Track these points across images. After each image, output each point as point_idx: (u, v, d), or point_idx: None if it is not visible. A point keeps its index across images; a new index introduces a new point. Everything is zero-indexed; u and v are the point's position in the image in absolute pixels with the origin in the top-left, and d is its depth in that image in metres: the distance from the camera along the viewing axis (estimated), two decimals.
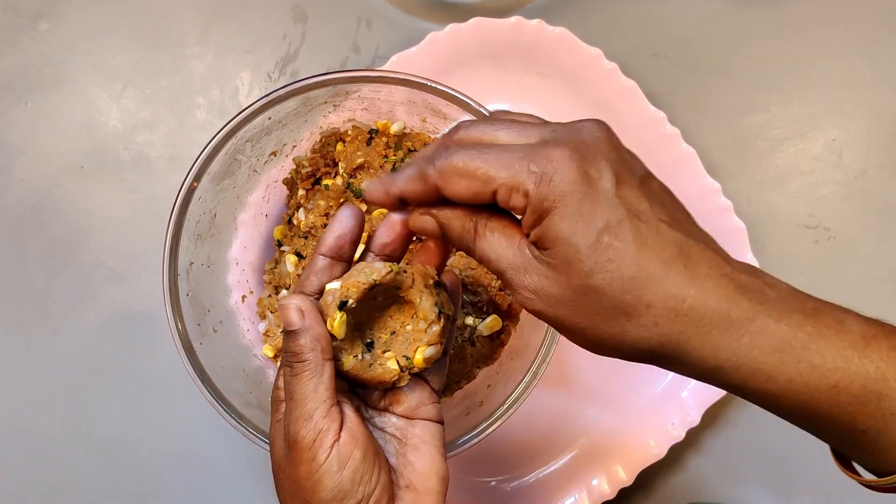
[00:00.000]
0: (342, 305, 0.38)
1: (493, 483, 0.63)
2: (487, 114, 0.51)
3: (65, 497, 0.64)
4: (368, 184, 0.39)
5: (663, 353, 0.33)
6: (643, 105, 0.62)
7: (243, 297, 0.58)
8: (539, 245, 0.34)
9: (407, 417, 0.41)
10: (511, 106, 0.65)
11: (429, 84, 0.51)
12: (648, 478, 0.64)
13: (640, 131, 0.63)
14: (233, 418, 0.49)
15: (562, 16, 0.66)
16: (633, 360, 0.35)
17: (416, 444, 0.40)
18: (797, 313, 0.33)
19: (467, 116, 0.52)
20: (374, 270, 0.39)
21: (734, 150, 0.66)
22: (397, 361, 0.41)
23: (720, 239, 0.61)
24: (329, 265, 0.40)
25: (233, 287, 0.58)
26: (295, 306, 0.37)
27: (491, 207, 0.35)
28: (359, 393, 0.42)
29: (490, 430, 0.50)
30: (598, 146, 0.34)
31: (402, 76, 0.51)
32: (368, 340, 0.41)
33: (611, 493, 0.61)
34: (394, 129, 0.56)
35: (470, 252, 0.37)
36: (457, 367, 0.57)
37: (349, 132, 0.57)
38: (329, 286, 0.39)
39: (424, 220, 0.38)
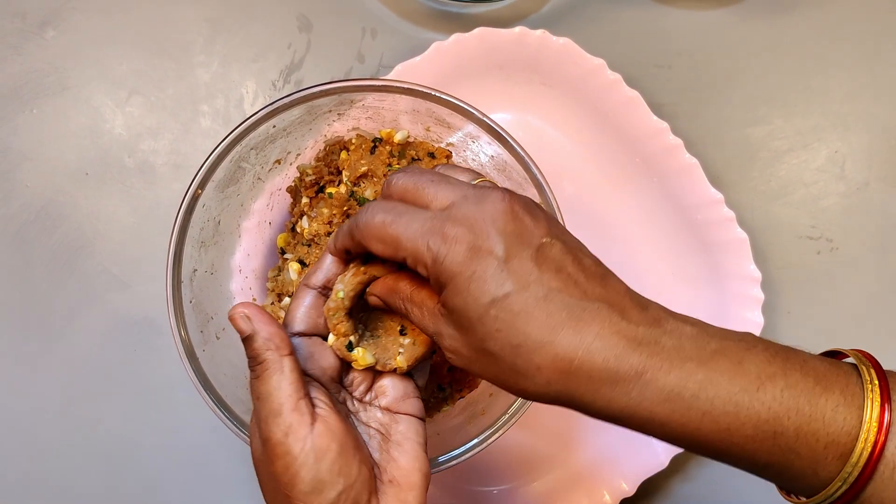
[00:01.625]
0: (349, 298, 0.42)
1: (494, 492, 0.63)
2: (491, 123, 0.51)
3: (66, 502, 0.64)
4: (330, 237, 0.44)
5: (565, 404, 0.36)
6: (646, 115, 0.62)
7: None
8: (445, 310, 0.37)
9: (391, 411, 0.42)
10: (514, 116, 0.65)
11: (433, 93, 0.51)
12: (651, 488, 0.63)
13: (643, 142, 0.63)
14: (235, 425, 0.49)
15: (566, 26, 0.67)
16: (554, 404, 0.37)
17: (398, 440, 0.41)
18: (690, 361, 0.35)
19: (471, 125, 0.53)
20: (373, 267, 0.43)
21: (737, 161, 0.67)
22: (378, 356, 0.43)
23: (723, 250, 0.62)
24: (335, 262, 0.44)
25: (236, 294, 0.58)
26: (240, 314, 0.39)
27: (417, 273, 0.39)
28: (346, 385, 0.43)
29: (492, 439, 0.50)
30: (494, 220, 0.36)
31: (406, 85, 0.51)
32: (364, 331, 0.44)
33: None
34: (398, 137, 0.57)
35: (409, 321, 0.41)
36: (459, 375, 0.57)
37: (353, 141, 0.57)
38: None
39: (370, 298, 0.43)
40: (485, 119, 0.51)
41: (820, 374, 0.36)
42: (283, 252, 0.59)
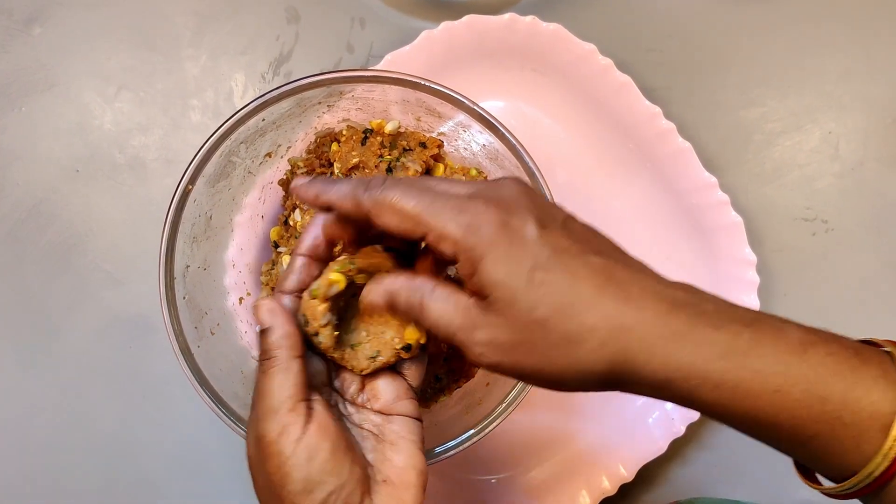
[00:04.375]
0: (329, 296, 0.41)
1: (493, 480, 0.63)
2: (482, 112, 0.51)
3: (63, 500, 0.64)
4: (301, 182, 0.41)
5: (617, 373, 0.35)
6: (639, 100, 0.62)
7: (240, 298, 0.58)
8: (480, 294, 0.36)
9: (384, 413, 0.42)
10: (506, 104, 0.64)
11: (423, 83, 0.51)
12: (649, 473, 0.64)
13: (635, 127, 0.62)
14: (231, 420, 0.49)
15: (556, 12, 0.66)
16: (594, 389, 0.36)
17: (393, 439, 0.41)
18: (735, 323, 0.35)
19: (462, 115, 0.52)
20: (350, 262, 0.41)
21: (731, 144, 0.66)
22: (371, 353, 0.43)
23: (717, 233, 0.62)
24: (307, 264, 0.42)
25: (230, 289, 0.58)
26: (267, 306, 0.39)
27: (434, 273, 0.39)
28: (338, 388, 0.43)
29: (489, 428, 0.50)
30: (518, 199, 0.37)
31: (396, 75, 0.51)
32: (350, 328, 0.43)
33: (612, 489, 0.61)
34: (388, 128, 0.56)
35: (419, 321, 0.39)
36: (455, 365, 0.57)
37: (344, 132, 0.57)
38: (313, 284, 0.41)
39: (374, 297, 0.40)
40: (475, 108, 0.51)
41: (858, 348, 0.36)
42: (276, 245, 0.59)
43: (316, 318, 0.41)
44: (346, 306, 0.43)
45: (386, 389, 0.43)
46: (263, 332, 0.39)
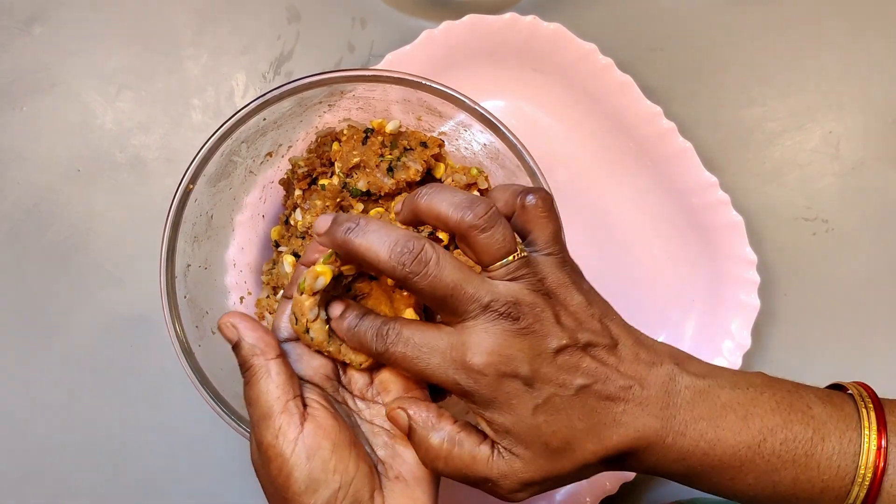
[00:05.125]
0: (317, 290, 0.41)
1: None
2: (483, 111, 0.51)
3: (64, 499, 0.64)
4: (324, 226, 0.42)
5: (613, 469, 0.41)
6: (639, 100, 0.62)
7: (241, 298, 0.58)
8: (502, 436, 0.39)
9: None
10: (506, 103, 0.64)
11: (424, 82, 0.51)
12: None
13: (636, 126, 0.62)
14: (232, 420, 0.49)
15: (556, 11, 0.66)
16: (611, 462, 0.40)
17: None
18: (702, 421, 0.40)
19: (463, 114, 0.52)
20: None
21: (731, 143, 0.66)
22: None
23: (718, 233, 0.62)
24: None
25: (231, 288, 0.58)
26: (226, 323, 0.40)
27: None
28: (345, 385, 0.43)
29: None
30: (504, 350, 0.38)
31: (396, 75, 0.51)
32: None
33: (613, 489, 0.61)
34: (389, 127, 0.56)
35: (441, 470, 0.41)
36: None
37: (345, 132, 0.57)
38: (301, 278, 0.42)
39: (401, 423, 0.41)
40: (476, 107, 0.51)
41: (819, 423, 0.39)
42: (277, 245, 0.59)
43: (304, 314, 0.41)
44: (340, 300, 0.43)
45: (394, 381, 0.43)
46: (234, 348, 0.40)
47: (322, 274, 0.40)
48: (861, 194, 0.66)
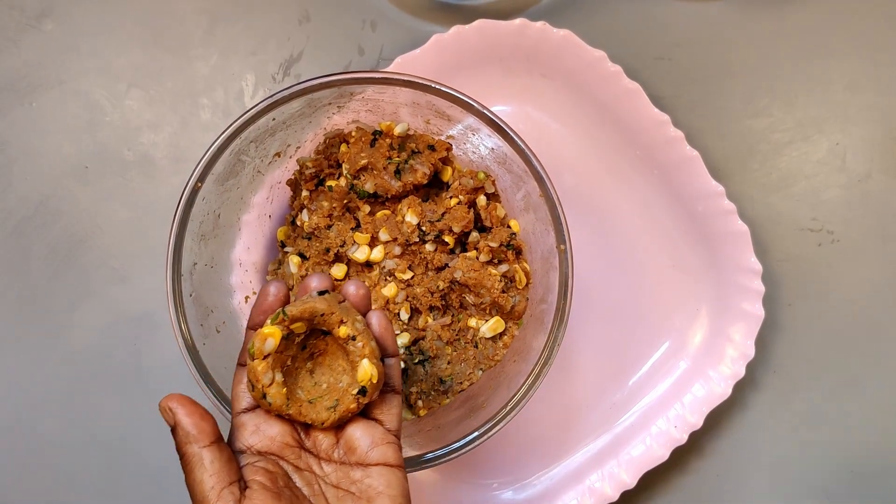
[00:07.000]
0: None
1: (494, 485, 0.63)
2: (491, 115, 0.51)
3: (67, 498, 0.64)
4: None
5: None
6: (647, 107, 0.62)
7: (246, 297, 0.58)
8: None
9: (363, 465, 0.41)
10: (514, 108, 0.65)
11: (433, 86, 0.51)
12: (651, 480, 0.63)
13: (643, 134, 0.63)
14: None
15: (566, 18, 0.66)
16: None
17: (371, 496, 0.40)
18: None
19: (471, 118, 0.52)
20: (291, 305, 0.40)
21: (738, 153, 0.66)
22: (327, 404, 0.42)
23: (723, 242, 0.62)
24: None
25: (236, 288, 0.58)
26: (164, 407, 0.39)
27: None
28: (308, 449, 0.42)
29: (492, 432, 0.50)
30: None
31: (406, 78, 0.51)
32: (305, 384, 0.42)
33: (613, 496, 0.61)
34: (397, 130, 0.57)
35: None
36: (459, 369, 0.57)
37: (353, 133, 0.57)
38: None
39: None
40: (484, 111, 0.51)
41: None
42: (283, 245, 0.59)
43: (259, 379, 0.40)
44: (295, 362, 0.42)
45: (360, 437, 0.41)
46: (172, 433, 0.39)
47: (271, 335, 0.39)
48: (867, 206, 0.66)
